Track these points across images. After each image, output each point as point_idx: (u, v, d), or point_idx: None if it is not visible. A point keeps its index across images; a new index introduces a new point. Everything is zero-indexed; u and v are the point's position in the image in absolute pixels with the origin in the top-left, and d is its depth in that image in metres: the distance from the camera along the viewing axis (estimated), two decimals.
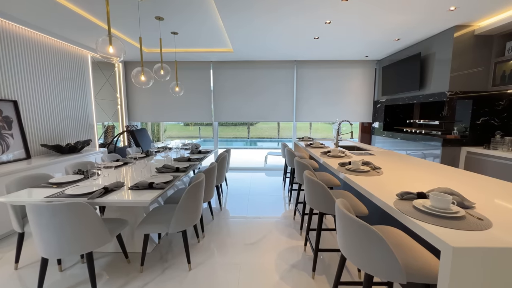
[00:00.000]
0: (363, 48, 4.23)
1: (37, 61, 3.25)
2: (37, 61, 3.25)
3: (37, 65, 3.24)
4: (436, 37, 3.50)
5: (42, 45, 3.32)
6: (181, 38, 3.78)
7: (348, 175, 1.83)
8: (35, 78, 3.23)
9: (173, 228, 1.87)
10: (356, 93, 5.31)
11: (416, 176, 1.79)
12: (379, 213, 2.05)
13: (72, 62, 3.84)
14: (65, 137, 3.77)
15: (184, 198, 1.87)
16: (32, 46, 3.17)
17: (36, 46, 3.23)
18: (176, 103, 5.42)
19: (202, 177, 2.09)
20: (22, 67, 3.06)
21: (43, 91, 3.34)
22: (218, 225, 2.82)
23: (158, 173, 2.40)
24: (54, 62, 3.51)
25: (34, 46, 3.20)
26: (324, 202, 1.80)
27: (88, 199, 1.65)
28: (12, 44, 2.93)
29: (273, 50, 4.40)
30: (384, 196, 1.35)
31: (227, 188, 4.19)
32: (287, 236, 2.55)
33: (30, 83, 3.16)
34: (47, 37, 3.40)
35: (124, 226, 1.94)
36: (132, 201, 1.67)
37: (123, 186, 1.94)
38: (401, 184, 1.60)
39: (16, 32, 2.98)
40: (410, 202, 1.22)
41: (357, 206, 1.80)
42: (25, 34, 3.09)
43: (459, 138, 3.35)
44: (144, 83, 2.72)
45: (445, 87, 3.33)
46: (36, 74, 3.23)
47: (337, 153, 2.64)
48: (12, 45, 2.94)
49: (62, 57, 3.65)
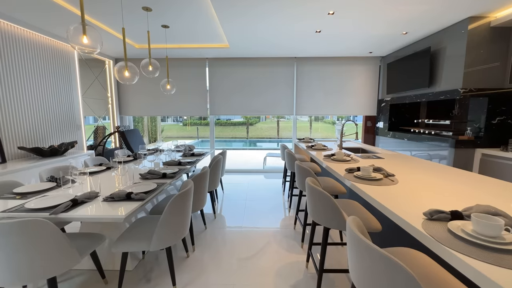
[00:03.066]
0: (367, 43, 3.97)
1: (16, 57, 2.98)
2: (16, 56, 2.98)
3: (15, 60, 2.97)
4: (448, 30, 3.24)
5: (21, 39, 3.05)
6: (173, 32, 3.51)
7: (358, 184, 1.57)
8: (13, 75, 2.96)
9: (155, 245, 1.61)
10: (359, 91, 5.05)
11: (438, 185, 1.53)
12: (392, 227, 1.79)
13: (56, 58, 3.57)
14: (49, 138, 3.51)
15: (167, 212, 1.61)
16: (9, 39, 2.90)
17: (14, 40, 2.96)
18: (171, 101, 5.15)
19: (190, 185, 1.83)
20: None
21: (22, 89, 3.08)
22: (211, 236, 2.56)
23: (142, 179, 2.14)
24: (35, 57, 3.24)
25: (12, 39, 2.93)
26: (331, 217, 1.53)
27: (50, 215, 1.39)
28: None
29: (272, 45, 4.14)
30: (407, 215, 1.10)
31: (223, 193, 3.93)
32: (287, 250, 2.29)
33: (6, 79, 2.89)
34: (27, 31, 3.13)
35: (99, 242, 1.68)
36: (103, 217, 1.41)
37: (97, 197, 1.68)
38: (422, 196, 1.34)
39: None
40: (443, 225, 0.96)
41: (369, 221, 1.54)
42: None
43: (473, 139, 3.09)
44: (129, 79, 2.45)
45: (458, 84, 3.07)
46: (14, 71, 2.96)
47: (342, 156, 2.38)
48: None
49: (45, 52, 3.38)
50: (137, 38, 3.88)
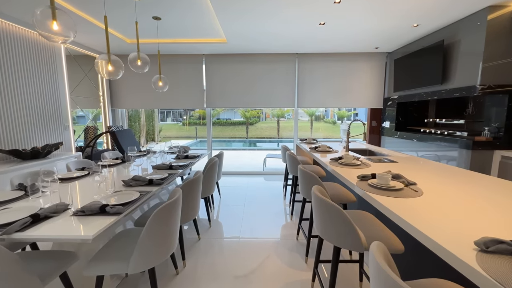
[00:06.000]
0: (374, 37, 3.71)
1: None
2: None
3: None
4: (464, 21, 2.98)
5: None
6: (165, 25, 3.25)
7: (375, 195, 1.32)
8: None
9: (134, 267, 1.36)
10: (364, 89, 4.79)
11: (475, 198, 1.28)
12: (414, 245, 1.53)
13: (40, 52, 3.32)
14: (33, 139, 3.26)
15: (148, 229, 1.36)
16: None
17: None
18: (165, 98, 4.90)
19: (177, 194, 1.58)
20: None
21: (1, 85, 2.83)
22: (205, 248, 2.31)
23: (125, 187, 1.89)
24: (16, 52, 2.99)
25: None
26: (344, 235, 1.28)
27: (0, 235, 1.14)
28: None
29: (272, 39, 3.88)
30: (450, 243, 0.84)
31: (219, 197, 3.68)
32: (290, 265, 2.04)
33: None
34: (5, 22, 2.88)
35: (71, 262, 1.43)
36: (66, 237, 1.16)
37: (67, 209, 1.43)
38: (458, 213, 1.09)
39: None
40: (506, 260, 0.71)
41: (389, 240, 1.28)
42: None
43: (491, 140, 2.84)
44: (112, 74, 2.20)
45: (475, 80, 2.82)
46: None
47: (351, 160, 2.12)
48: None
49: (26, 46, 3.13)
50: (129, 33, 3.63)
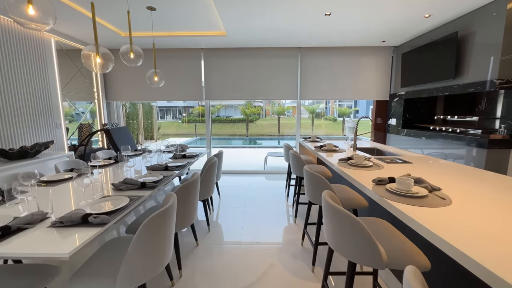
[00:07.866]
0: (382, 29, 3.51)
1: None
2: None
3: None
4: (480, 11, 2.79)
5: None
6: (161, 16, 3.06)
7: (396, 204, 1.15)
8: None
9: (121, 285, 1.19)
10: (368, 85, 4.60)
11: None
12: (438, 261, 1.37)
13: (28, 46, 3.12)
14: (22, 138, 3.08)
15: (137, 242, 1.19)
16: None
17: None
18: (162, 93, 4.72)
19: (171, 200, 1.41)
20: None
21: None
22: (203, 255, 2.15)
23: (115, 190, 1.72)
24: (1, 45, 2.80)
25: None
26: (362, 250, 1.11)
27: None
28: None
29: (274, 32, 3.68)
30: (500, 267, 0.67)
31: (219, 199, 3.51)
32: (295, 275, 1.88)
33: None
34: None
35: (51, 278, 1.27)
36: (39, 254, 0.99)
37: (45, 219, 1.26)
38: (505, 228, 0.92)
39: None
40: None
41: (415, 256, 1.11)
42: None
43: (508, 139, 2.66)
44: (101, 67, 2.02)
45: (492, 74, 2.63)
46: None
47: (362, 160, 1.95)
48: None
49: (12, 39, 2.94)
50: (123, 26, 3.44)
